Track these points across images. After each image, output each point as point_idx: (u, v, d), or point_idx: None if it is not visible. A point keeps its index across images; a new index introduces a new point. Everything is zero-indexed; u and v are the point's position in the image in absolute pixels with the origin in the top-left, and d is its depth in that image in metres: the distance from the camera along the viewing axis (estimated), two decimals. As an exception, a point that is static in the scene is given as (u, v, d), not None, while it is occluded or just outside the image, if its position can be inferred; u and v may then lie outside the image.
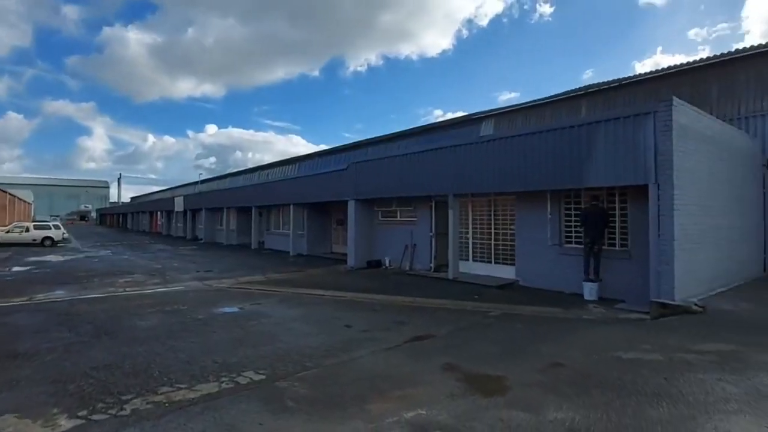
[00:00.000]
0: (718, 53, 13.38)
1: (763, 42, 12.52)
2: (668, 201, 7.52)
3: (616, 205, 9.03)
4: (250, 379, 4.39)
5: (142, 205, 54.93)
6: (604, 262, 8.80)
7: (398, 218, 14.01)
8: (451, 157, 11.26)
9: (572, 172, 8.76)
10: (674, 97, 7.64)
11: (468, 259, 11.81)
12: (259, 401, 3.85)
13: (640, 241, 8.26)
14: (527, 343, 5.49)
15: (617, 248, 8.94)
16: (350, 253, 14.47)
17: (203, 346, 5.52)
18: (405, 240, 13.42)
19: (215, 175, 51.56)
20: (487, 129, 19.37)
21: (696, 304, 7.01)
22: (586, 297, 8.70)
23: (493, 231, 11.33)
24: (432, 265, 12.65)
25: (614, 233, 9.03)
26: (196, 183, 52.52)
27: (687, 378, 4.13)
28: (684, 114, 7.92)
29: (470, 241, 11.85)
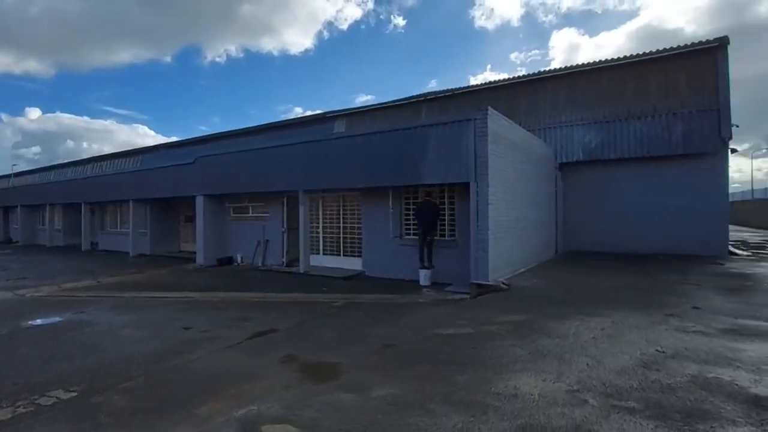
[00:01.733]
0: (527, 74, 15.85)
1: (559, 67, 15.26)
2: (485, 196, 8.62)
3: (446, 200, 10.03)
4: (57, 398, 3.70)
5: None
6: (437, 251, 9.70)
7: (250, 214, 13.36)
8: (301, 154, 11.15)
9: (410, 171, 9.42)
10: (489, 107, 8.75)
11: (319, 253, 11.88)
12: (64, 423, 3.25)
13: (464, 231, 9.30)
14: (365, 328, 5.74)
15: (447, 238, 9.93)
16: (199, 250, 13.32)
17: (1, 367, 4.49)
18: (257, 236, 12.88)
19: (38, 167, 42.33)
20: (339, 127, 19.73)
21: (504, 283, 8.23)
22: (422, 283, 9.47)
23: (342, 225, 11.59)
24: (284, 260, 12.40)
25: (444, 225, 10.03)
26: (9, 176, 42.55)
27: (489, 346, 4.79)
28: (497, 122, 9.16)
29: (321, 236, 11.93)
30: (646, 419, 2.98)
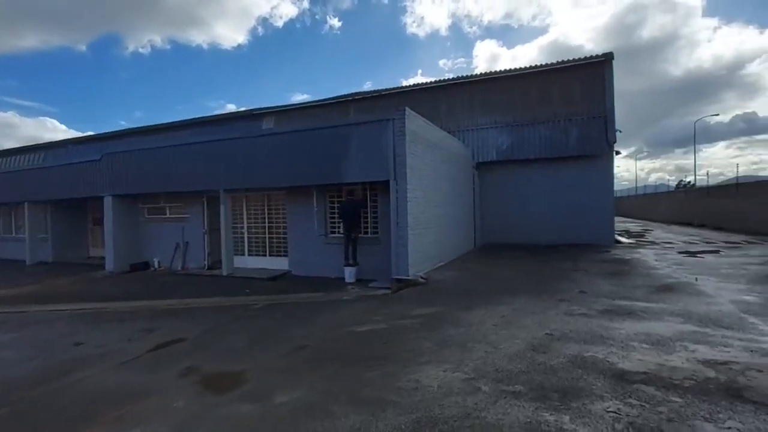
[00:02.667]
0: (446, 79, 16.32)
1: (475, 74, 15.90)
2: (403, 194, 8.73)
3: (368, 198, 10.03)
4: None
5: None
6: (361, 248, 9.68)
7: (167, 215, 12.39)
8: (222, 152, 10.54)
9: (333, 170, 9.27)
10: (407, 108, 8.86)
11: (244, 254, 11.34)
12: None
13: (387, 228, 9.35)
14: (281, 330, 5.54)
15: (371, 235, 9.95)
16: (108, 256, 12.10)
17: None
18: (176, 238, 11.99)
19: None
20: (268, 125, 19.00)
21: (422, 277, 8.41)
22: (347, 280, 9.40)
23: (267, 225, 11.16)
24: (206, 262, 11.68)
25: (368, 223, 10.04)
26: None
27: (401, 340, 4.82)
28: (415, 122, 9.30)
29: (246, 236, 11.40)
30: (528, 401, 3.14)
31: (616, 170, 14.04)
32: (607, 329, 4.75)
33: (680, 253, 11.29)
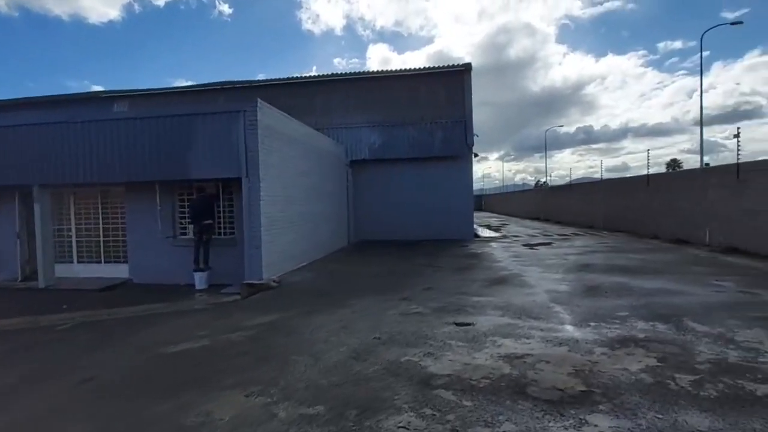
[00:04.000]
0: (322, 74, 15.75)
1: (350, 71, 15.60)
2: (256, 192, 7.99)
3: (221, 195, 9.04)
4: None
5: None
6: (216, 250, 8.66)
7: (-36, 216, 9.74)
8: (36, 140, 8.54)
9: (177, 164, 8.10)
10: (259, 100, 8.11)
11: (72, 261, 9.43)
12: None
13: (243, 228, 8.54)
14: (74, 358, 4.46)
15: (226, 236, 8.99)
16: None
17: None
18: (-23, 244, 9.48)
19: None
20: (120, 110, 16.41)
21: (274, 281, 7.79)
22: (197, 286, 8.32)
23: (102, 226, 9.41)
24: (22, 272, 9.45)
25: (222, 222, 9.06)
26: None
27: (217, 359, 4.15)
28: (271, 116, 8.59)
29: (74, 240, 9.47)
30: (321, 426, 2.78)
31: (487, 171, 15.49)
32: (433, 327, 4.72)
33: (523, 245, 12.48)
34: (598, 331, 4.37)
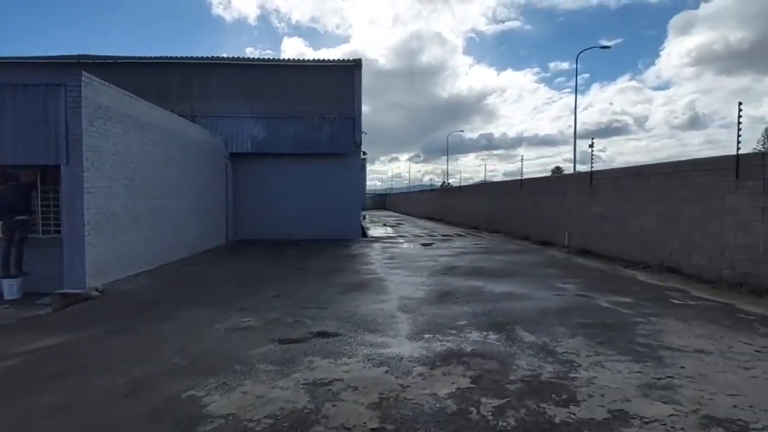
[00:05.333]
0: (201, 56, 14.08)
1: (233, 56, 14.14)
2: (79, 182, 6.52)
3: (39, 185, 7.34)
4: None
5: None
6: (35, 252, 6.97)
7: None
8: None
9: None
10: (84, 73, 6.61)
11: None
12: None
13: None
14: None
15: (48, 235, 7.30)
16: None
17: None
18: None
19: None
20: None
21: (97, 289, 6.43)
22: (6, 296, 6.64)
23: None
24: None
25: (48, 218, 7.35)
26: None
27: None
28: (105, 94, 7.11)
29: None
30: None
31: (398, 171, 14.81)
32: (253, 346, 4.01)
33: (403, 246, 12.41)
34: (429, 345, 4.05)
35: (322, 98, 14.02)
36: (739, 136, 6.38)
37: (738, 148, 6.44)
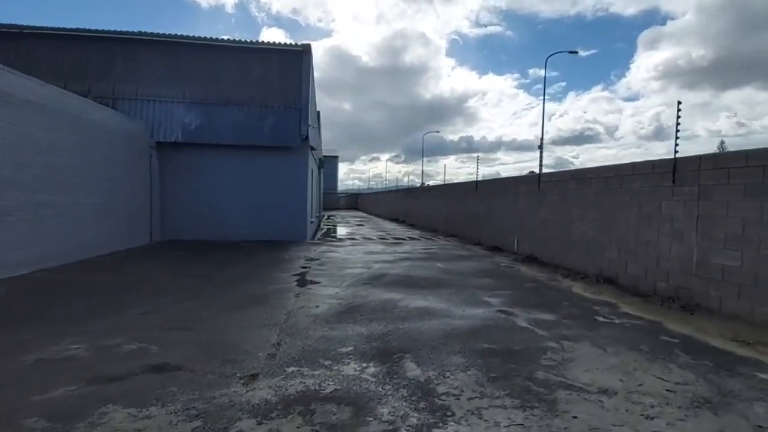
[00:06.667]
0: (126, 30, 12.83)
1: (162, 33, 12.91)
2: None
3: None
4: None
5: None
6: None
7: None
8: None
9: None
10: None
11: None
12: None
13: None
14: None
15: None
16: None
17: None
18: None
19: None
20: None
21: None
22: None
23: None
24: None
25: None
26: None
27: None
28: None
29: None
30: None
31: (376, 170, 14.01)
32: (45, 389, 3.10)
33: (346, 250, 11.63)
34: (284, 383, 3.26)
35: (266, 85, 13.06)
36: (677, 138, 5.89)
37: (675, 152, 5.95)
